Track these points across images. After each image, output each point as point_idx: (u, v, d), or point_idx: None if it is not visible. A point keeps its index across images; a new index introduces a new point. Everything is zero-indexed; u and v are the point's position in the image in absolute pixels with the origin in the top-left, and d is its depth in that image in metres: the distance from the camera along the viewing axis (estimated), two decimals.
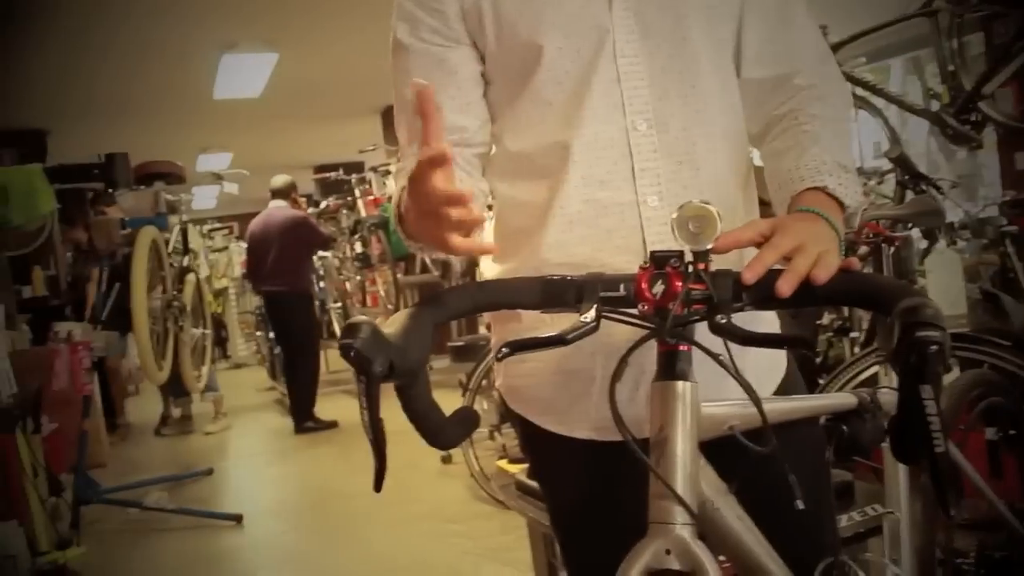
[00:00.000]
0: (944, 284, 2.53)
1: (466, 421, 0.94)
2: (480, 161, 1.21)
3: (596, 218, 1.11)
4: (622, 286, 0.91)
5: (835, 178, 1.04)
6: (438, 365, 7.79)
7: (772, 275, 0.87)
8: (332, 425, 6.38)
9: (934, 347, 0.71)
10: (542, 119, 1.14)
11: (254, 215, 6.83)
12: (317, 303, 7.98)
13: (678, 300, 0.86)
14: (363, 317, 0.85)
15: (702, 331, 0.90)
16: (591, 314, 0.90)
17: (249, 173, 6.55)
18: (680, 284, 0.87)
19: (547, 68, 1.13)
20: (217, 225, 10.75)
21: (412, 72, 1.15)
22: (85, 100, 7.32)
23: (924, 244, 3.25)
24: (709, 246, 0.87)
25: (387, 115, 9.39)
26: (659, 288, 0.88)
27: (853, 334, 3.29)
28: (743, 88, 1.21)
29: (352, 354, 0.80)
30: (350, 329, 0.81)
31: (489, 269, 1.24)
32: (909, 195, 3.20)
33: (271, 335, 7.89)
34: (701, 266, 0.87)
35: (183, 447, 6.56)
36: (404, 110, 1.21)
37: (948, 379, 2.16)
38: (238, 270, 10.85)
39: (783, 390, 1.19)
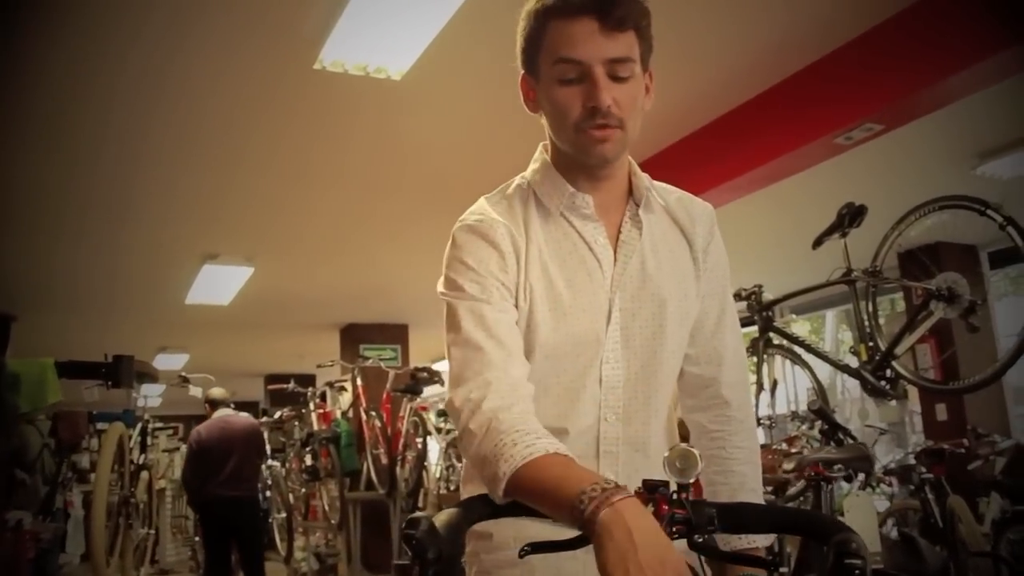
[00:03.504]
0: (860, 524, 2.74)
1: None
2: None
3: None
4: None
5: None
6: None
7: (740, 507, 1.10)
8: None
9: (857, 572, 0.95)
10: (535, 400, 1.30)
11: (198, 418, 6.82)
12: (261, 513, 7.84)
13: (664, 521, 1.07)
14: (422, 513, 1.05)
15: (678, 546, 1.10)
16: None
17: (214, 378, 6.66)
18: (666, 508, 1.08)
19: (554, 362, 1.35)
20: (160, 425, 10.60)
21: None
22: (55, 289, 7.43)
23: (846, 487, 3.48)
24: (691, 480, 1.09)
25: (345, 333, 9.66)
26: (649, 509, 1.09)
27: (783, 569, 3.45)
28: (680, 376, 1.49)
29: (413, 543, 1.00)
30: (412, 522, 1.01)
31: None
32: (831, 443, 3.46)
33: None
34: (684, 496, 1.08)
35: None
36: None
37: None
38: (177, 472, 10.61)
39: None
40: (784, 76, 3.99)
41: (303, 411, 8.82)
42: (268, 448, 8.33)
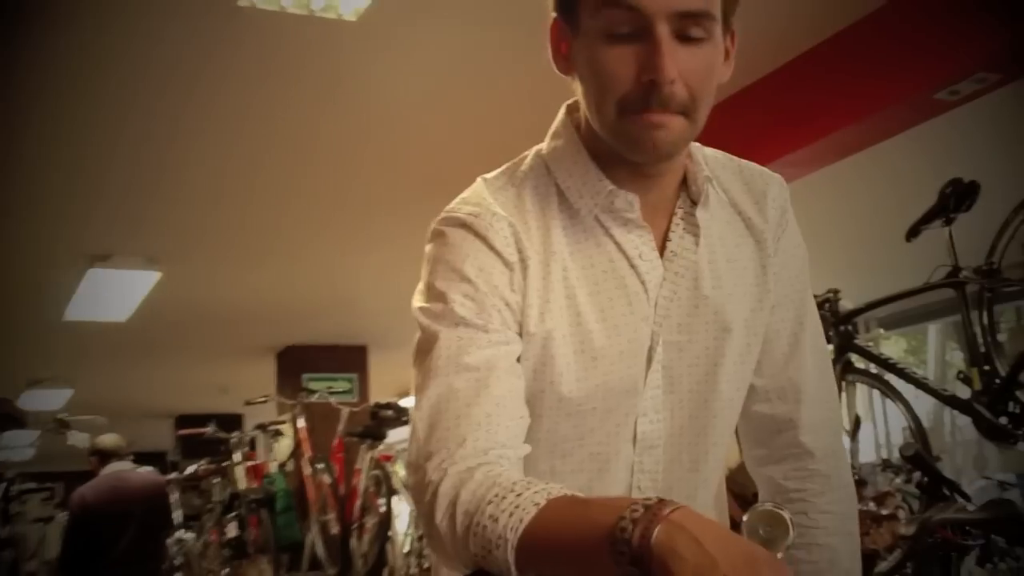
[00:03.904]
0: None
1: None
2: None
3: None
4: None
5: None
6: None
7: None
8: None
9: None
10: (551, 470, 1.34)
11: (83, 475, 6.74)
12: None
13: None
14: None
15: None
16: None
17: (106, 421, 6.62)
18: None
19: (577, 421, 1.34)
20: (30, 486, 10.49)
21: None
22: None
23: None
24: (780, 554, 1.04)
25: (284, 358, 9.66)
26: None
27: None
28: (744, 417, 1.48)
29: None
30: None
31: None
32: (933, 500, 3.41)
33: None
34: None
35: None
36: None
37: None
38: (53, 550, 10.52)
39: None
40: (868, 11, 3.99)
41: (225, 464, 8.76)
42: (178, 514, 8.27)
